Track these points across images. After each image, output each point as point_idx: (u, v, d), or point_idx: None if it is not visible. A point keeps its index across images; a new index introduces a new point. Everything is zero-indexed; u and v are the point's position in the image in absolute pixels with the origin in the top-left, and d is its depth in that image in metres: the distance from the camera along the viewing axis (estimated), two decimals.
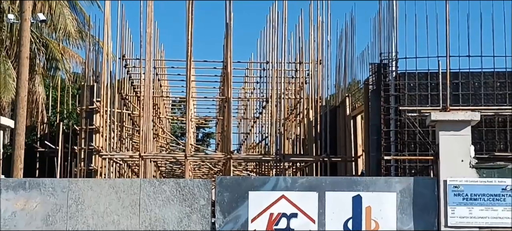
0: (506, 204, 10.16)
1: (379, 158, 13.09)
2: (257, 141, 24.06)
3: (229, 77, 16.05)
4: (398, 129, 13.04)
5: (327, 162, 15.22)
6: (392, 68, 13.31)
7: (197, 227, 10.40)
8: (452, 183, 10.24)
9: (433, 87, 12.93)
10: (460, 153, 10.34)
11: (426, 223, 10.29)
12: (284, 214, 10.46)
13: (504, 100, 12.85)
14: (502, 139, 12.84)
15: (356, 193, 10.43)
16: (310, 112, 16.75)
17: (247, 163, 21.24)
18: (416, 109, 12.55)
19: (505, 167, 10.32)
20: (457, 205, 10.20)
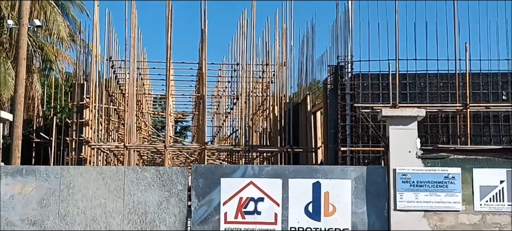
0: (448, 190, 10.10)
1: (336, 149, 13.04)
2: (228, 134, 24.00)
3: (204, 77, 16.14)
4: (353, 124, 13.00)
5: (290, 152, 15.17)
6: (348, 69, 13.32)
7: (175, 209, 10.34)
8: (400, 171, 10.16)
9: (384, 87, 12.93)
10: (407, 145, 10.26)
11: (377, 207, 10.21)
12: (252, 198, 10.35)
13: (447, 98, 12.88)
14: (445, 132, 12.86)
15: (316, 180, 10.34)
16: (275, 108, 16.67)
17: (219, 153, 21.30)
18: (369, 106, 12.54)
19: (447, 158, 10.26)
20: (404, 191, 10.12)
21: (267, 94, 18.21)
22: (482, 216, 10.04)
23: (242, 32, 16.99)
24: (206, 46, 15.70)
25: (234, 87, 20.03)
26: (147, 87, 23.92)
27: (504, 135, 12.89)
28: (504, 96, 13.06)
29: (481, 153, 10.35)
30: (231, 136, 22.96)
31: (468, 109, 12.50)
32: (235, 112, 20.60)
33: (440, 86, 13.02)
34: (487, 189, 10.08)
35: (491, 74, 13.10)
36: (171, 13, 15.33)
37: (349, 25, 13.30)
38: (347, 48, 13.35)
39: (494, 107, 12.78)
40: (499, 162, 10.19)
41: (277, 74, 16.87)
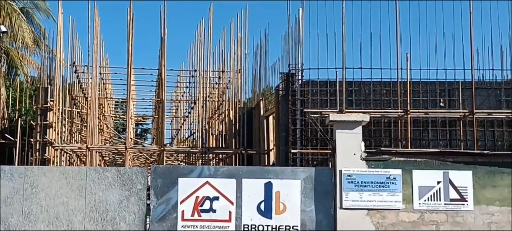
0: (390, 190, 10.22)
1: (287, 151, 13.06)
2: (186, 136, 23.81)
3: (163, 82, 16.05)
4: (303, 128, 13.04)
5: (244, 154, 15.15)
6: (298, 77, 13.36)
7: (134, 208, 10.28)
8: (346, 172, 10.23)
9: (332, 93, 13.00)
10: (353, 147, 10.34)
11: (325, 206, 10.27)
12: (208, 197, 10.32)
13: (389, 104, 13.02)
14: (387, 136, 13.00)
15: (267, 180, 10.35)
16: (230, 113, 16.63)
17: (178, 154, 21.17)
18: (318, 111, 12.59)
19: (389, 160, 10.38)
20: (350, 191, 10.20)
21: (223, 99, 18.14)
22: (421, 214, 10.18)
23: (199, 40, 16.93)
24: (165, 53, 15.65)
25: (192, 92, 19.91)
26: (109, 91, 23.58)
27: (441, 139, 13.10)
28: (441, 103, 13.27)
29: (420, 156, 10.49)
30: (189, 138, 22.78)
31: (409, 115, 12.66)
32: (193, 115, 20.47)
33: (383, 93, 13.15)
34: (425, 189, 10.24)
35: (430, 82, 13.30)
36: (132, 21, 15.19)
37: (299, 35, 13.35)
38: (297, 56, 13.40)
39: (433, 113, 12.98)
40: (436, 164, 10.36)
41: (232, 80, 16.83)
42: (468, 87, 12.84)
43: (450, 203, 10.20)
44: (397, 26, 12.72)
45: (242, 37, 16.24)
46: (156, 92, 21.87)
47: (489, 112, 12.89)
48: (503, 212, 10.21)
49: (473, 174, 10.29)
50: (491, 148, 12.67)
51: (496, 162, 10.40)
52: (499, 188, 10.27)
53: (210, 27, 15.91)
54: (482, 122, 12.99)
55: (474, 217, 10.18)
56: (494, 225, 10.18)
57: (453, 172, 10.29)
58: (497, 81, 13.86)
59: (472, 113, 12.63)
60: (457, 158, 10.44)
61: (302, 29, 13.32)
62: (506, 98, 13.24)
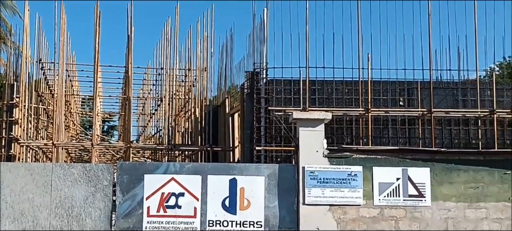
0: (351, 186, 10.32)
1: (251, 148, 13.05)
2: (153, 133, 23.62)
3: (130, 80, 15.86)
4: (267, 125, 13.03)
5: (210, 151, 15.07)
6: (263, 75, 13.34)
7: (100, 204, 10.20)
8: (309, 169, 10.28)
9: (296, 92, 13.02)
10: (315, 145, 10.39)
11: (288, 202, 10.31)
12: (173, 193, 10.29)
13: (351, 103, 13.10)
14: (349, 134, 13.07)
15: (232, 176, 10.35)
16: (196, 110, 16.53)
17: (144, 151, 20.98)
18: (282, 109, 12.60)
19: (350, 157, 10.47)
20: (312, 187, 10.26)
21: (189, 97, 18.02)
22: (381, 209, 10.30)
23: (166, 39, 16.78)
24: (132, 51, 15.46)
25: (158, 90, 19.75)
26: (75, 88, 23.23)
27: (400, 137, 13.24)
28: (401, 102, 13.40)
29: (380, 153, 10.62)
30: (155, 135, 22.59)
31: (370, 113, 12.76)
32: (159, 113, 20.30)
33: (345, 92, 13.23)
34: (385, 185, 10.36)
35: (390, 82, 13.42)
36: (99, 20, 14.95)
37: (264, 35, 13.35)
38: (262, 56, 13.38)
39: (393, 112, 13.09)
40: (396, 161, 10.48)
41: (198, 79, 16.74)
42: (427, 87, 13.00)
43: (409, 199, 10.34)
44: (359, 27, 12.82)
45: (208, 36, 16.17)
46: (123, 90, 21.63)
47: (446, 111, 13.08)
48: (459, 207, 10.40)
49: (430, 171, 10.45)
50: (448, 146, 12.86)
51: (453, 160, 10.58)
52: (456, 185, 10.45)
53: (176, 26, 15.82)
54: (439, 121, 13.17)
55: (431, 213, 10.34)
56: (450, 220, 10.35)
57: (412, 169, 10.43)
58: (454, 81, 14.06)
59: (430, 112, 12.79)
60: (415, 156, 10.58)
61: (266, 29, 13.33)
62: (462, 98, 13.45)
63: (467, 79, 14.19)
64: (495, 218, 10.38)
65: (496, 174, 10.51)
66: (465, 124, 13.27)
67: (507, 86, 13.98)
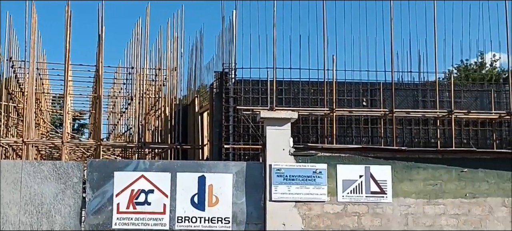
0: (316, 183, 10.38)
1: (220, 146, 13.03)
2: (123, 131, 23.37)
3: (101, 79, 15.66)
4: (236, 124, 13.05)
5: (179, 149, 15.04)
6: (231, 75, 13.34)
7: (70, 201, 10.05)
8: (275, 166, 10.31)
9: (263, 92, 13.06)
10: (282, 143, 10.43)
11: (255, 198, 10.33)
12: (143, 190, 10.21)
13: (316, 103, 13.19)
14: (314, 133, 13.16)
15: (201, 174, 10.33)
16: (166, 109, 16.45)
17: (114, 149, 20.71)
18: (250, 109, 12.62)
19: (315, 155, 10.52)
20: (279, 184, 10.29)
21: (159, 96, 17.90)
22: (344, 206, 10.38)
23: (136, 39, 16.65)
24: (103, 50, 15.27)
25: (129, 89, 19.52)
26: (46, 87, 22.85)
27: (363, 136, 13.38)
28: (364, 102, 13.54)
29: (344, 151, 10.70)
30: (126, 133, 22.38)
31: (334, 113, 12.86)
32: (130, 111, 20.09)
33: (311, 92, 13.32)
34: (348, 182, 10.44)
35: (354, 83, 13.55)
36: (70, 19, 14.76)
37: (233, 36, 13.35)
38: (231, 56, 13.38)
39: (356, 112, 13.24)
40: (359, 159, 10.59)
41: (168, 78, 16.66)
42: (389, 88, 13.17)
43: (371, 196, 10.45)
44: (324, 30, 12.92)
45: (178, 37, 16.12)
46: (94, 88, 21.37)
47: (407, 111, 13.26)
48: (418, 204, 10.55)
49: (392, 168, 10.57)
50: (408, 144, 13.03)
51: (413, 158, 10.72)
52: (415, 182, 10.60)
53: (147, 27, 15.71)
54: (400, 121, 13.34)
55: (392, 209, 10.47)
56: (410, 216, 10.50)
57: (374, 166, 10.54)
58: (415, 83, 14.27)
59: (392, 112, 12.96)
60: (377, 154, 10.70)
61: (235, 30, 13.33)
62: (422, 99, 13.66)
63: (426, 81, 14.45)
64: (452, 214, 10.57)
65: (454, 171, 10.69)
66: (424, 124, 13.48)
67: (464, 88, 14.25)
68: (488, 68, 25.62)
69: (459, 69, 25.62)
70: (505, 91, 13.71)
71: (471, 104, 13.63)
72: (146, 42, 15.91)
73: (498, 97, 13.69)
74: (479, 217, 10.58)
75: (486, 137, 13.49)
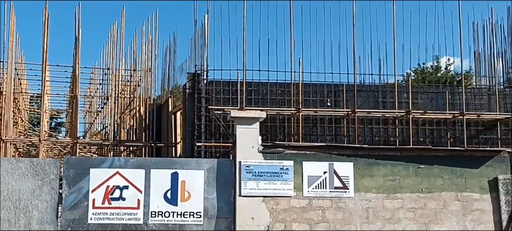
0: (283, 179, 10.43)
1: (192, 144, 12.98)
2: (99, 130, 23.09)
3: (77, 79, 15.47)
4: (207, 123, 13.00)
5: (153, 147, 14.94)
6: (204, 77, 13.29)
7: (47, 196, 9.94)
8: (245, 163, 10.33)
9: (234, 92, 13.03)
10: (251, 141, 10.46)
11: (225, 193, 10.33)
12: (118, 186, 10.15)
13: (284, 103, 13.21)
14: (282, 132, 13.18)
15: (174, 170, 10.30)
16: (141, 108, 16.31)
17: (90, 146, 20.48)
18: (221, 108, 12.58)
19: (282, 152, 10.58)
20: (248, 180, 10.32)
21: (134, 96, 17.73)
22: (309, 200, 10.46)
23: (112, 41, 16.49)
24: (79, 51, 15.10)
25: (105, 89, 19.32)
26: (24, 86, 22.43)
27: (328, 134, 13.45)
28: (328, 103, 13.62)
29: (309, 149, 10.78)
30: (102, 132, 22.11)
31: (301, 112, 12.91)
32: (106, 110, 19.85)
33: (279, 93, 13.34)
34: (313, 178, 10.53)
35: (319, 84, 13.61)
36: (48, 21, 14.54)
37: (205, 39, 13.30)
38: (203, 58, 13.33)
39: (321, 112, 13.30)
40: (323, 156, 10.67)
41: (143, 79, 16.52)
42: (351, 89, 13.27)
43: (334, 191, 10.55)
44: (291, 34, 12.95)
45: (153, 39, 16.01)
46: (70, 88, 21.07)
47: (368, 111, 13.39)
48: (378, 198, 10.68)
49: (354, 165, 10.69)
50: (369, 142, 13.16)
51: (373, 155, 10.86)
52: (376, 178, 10.74)
53: (122, 29, 15.57)
54: (362, 120, 13.46)
55: (354, 203, 10.58)
56: (371, 209, 10.64)
57: (337, 163, 10.64)
58: (376, 85, 14.41)
59: (354, 112, 13.07)
60: (341, 151, 10.80)
61: (207, 33, 13.28)
62: (382, 100, 13.79)
63: (386, 83, 14.58)
64: (409, 208, 10.73)
65: (411, 168, 10.85)
66: (384, 123, 13.62)
67: (421, 89, 14.46)
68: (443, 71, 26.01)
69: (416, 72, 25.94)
70: (458, 92, 13.95)
71: (427, 104, 13.83)
72: (122, 44, 15.80)
73: (452, 99, 13.92)
74: (434, 211, 10.76)
75: (441, 135, 13.70)
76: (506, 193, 10.93)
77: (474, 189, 10.90)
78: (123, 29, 15.60)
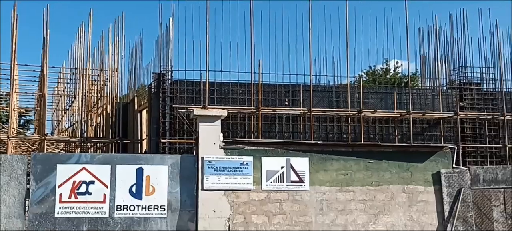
0: (243, 174, 10.41)
1: (157, 141, 12.87)
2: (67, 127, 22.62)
3: (45, 78, 15.07)
4: (172, 121, 12.92)
5: (120, 143, 14.71)
6: (168, 77, 13.20)
7: (14, 191, 9.66)
8: (207, 159, 10.28)
9: (197, 92, 12.99)
10: (213, 138, 10.40)
11: (188, 187, 10.26)
12: (84, 181, 9.93)
13: (244, 102, 13.24)
14: (242, 129, 13.21)
15: (139, 166, 10.15)
16: (108, 107, 16.05)
17: (58, 143, 20.04)
18: (184, 107, 12.53)
19: (243, 148, 10.55)
20: (210, 175, 10.26)
21: (101, 95, 17.44)
22: (268, 193, 10.48)
23: (80, 41, 16.17)
24: (47, 51, 14.72)
25: (72, 88, 18.94)
26: None
27: (285, 131, 13.55)
28: (286, 102, 13.71)
29: (268, 145, 10.78)
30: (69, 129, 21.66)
31: (260, 111, 12.95)
32: (73, 108, 19.48)
33: (240, 92, 13.35)
34: (271, 173, 10.54)
35: (277, 84, 13.70)
36: (16, 21, 14.14)
37: (170, 41, 13.21)
38: (168, 59, 13.24)
39: (279, 110, 13.38)
40: (281, 152, 10.70)
41: (110, 78, 16.26)
42: (307, 90, 13.39)
43: (291, 184, 10.59)
44: (252, 37, 12.99)
45: (119, 40, 15.75)
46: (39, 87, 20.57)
47: (323, 110, 13.53)
48: (332, 191, 10.78)
49: (309, 160, 10.74)
50: (324, 139, 13.30)
51: (327, 151, 10.94)
52: (329, 172, 10.82)
53: (90, 30, 15.30)
54: (317, 118, 13.60)
55: (309, 196, 10.65)
56: (325, 202, 10.72)
57: (294, 159, 10.67)
58: (330, 85, 14.57)
59: (310, 111, 13.19)
60: (297, 147, 10.85)
61: (172, 36, 13.20)
62: (336, 99, 13.96)
63: (340, 83, 14.77)
64: (360, 200, 10.87)
65: (362, 163, 10.98)
66: (338, 121, 13.79)
67: (372, 90, 14.69)
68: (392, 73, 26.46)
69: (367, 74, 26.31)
70: (405, 93, 14.22)
71: (377, 104, 14.05)
72: (89, 45, 15.53)
73: (400, 98, 14.19)
74: (383, 202, 10.93)
75: (389, 132, 13.94)
76: (448, 185, 11.20)
77: (419, 182, 11.11)
78: (90, 30, 15.34)
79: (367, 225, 10.76)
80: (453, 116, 13.88)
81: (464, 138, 14.09)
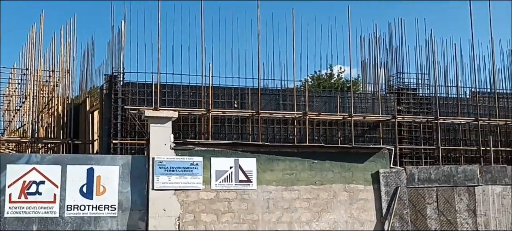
0: (193, 173, 10.37)
1: (109, 142, 12.60)
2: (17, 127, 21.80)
3: None
4: (123, 122, 12.69)
5: (71, 144, 14.32)
6: (120, 78, 12.95)
7: None
8: (158, 159, 10.17)
9: (148, 93, 12.82)
10: (164, 139, 10.31)
11: (139, 187, 10.12)
12: (35, 181, 9.66)
13: (195, 104, 13.15)
14: (193, 130, 13.11)
15: (90, 166, 9.95)
16: (59, 107, 15.59)
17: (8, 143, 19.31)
18: (136, 108, 12.32)
19: (193, 149, 10.51)
20: (160, 175, 10.16)
21: (53, 95, 16.92)
22: (217, 193, 10.46)
23: (31, 42, 15.62)
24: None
25: (24, 88, 18.29)
26: None
27: (234, 133, 13.54)
28: (235, 105, 13.71)
29: (217, 146, 10.78)
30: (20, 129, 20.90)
31: (210, 113, 12.90)
32: (24, 109, 18.81)
33: (190, 95, 13.26)
34: (220, 173, 10.54)
35: (227, 87, 13.67)
36: None
37: (121, 43, 12.95)
38: (120, 61, 12.98)
39: (229, 112, 13.36)
40: (230, 152, 10.71)
41: (62, 79, 15.79)
42: (256, 93, 13.43)
43: (239, 184, 10.62)
44: (202, 41, 12.91)
45: (71, 42, 15.33)
46: None
47: (270, 112, 13.60)
48: (278, 190, 10.87)
49: (257, 160, 10.80)
50: (271, 140, 13.38)
51: (274, 151, 11.03)
52: (276, 172, 10.91)
53: (41, 31, 14.81)
54: (265, 120, 13.65)
55: (257, 194, 10.70)
56: (271, 200, 10.80)
57: (242, 159, 10.71)
58: (277, 89, 14.66)
59: (258, 113, 13.23)
60: (245, 148, 10.88)
61: (124, 38, 12.94)
62: (283, 102, 14.08)
63: (287, 87, 14.89)
64: (305, 198, 11.00)
65: (307, 163, 11.13)
66: (284, 123, 13.90)
67: (317, 94, 14.90)
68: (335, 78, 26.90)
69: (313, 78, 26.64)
70: (347, 97, 14.49)
71: (321, 107, 14.26)
72: (41, 46, 15.02)
73: (343, 102, 14.44)
74: (326, 200, 11.10)
75: (332, 134, 14.17)
76: (386, 184, 11.49)
77: (359, 181, 11.35)
78: (41, 32, 14.85)
79: (311, 222, 10.90)
80: (391, 119, 14.26)
81: (401, 140, 14.49)
